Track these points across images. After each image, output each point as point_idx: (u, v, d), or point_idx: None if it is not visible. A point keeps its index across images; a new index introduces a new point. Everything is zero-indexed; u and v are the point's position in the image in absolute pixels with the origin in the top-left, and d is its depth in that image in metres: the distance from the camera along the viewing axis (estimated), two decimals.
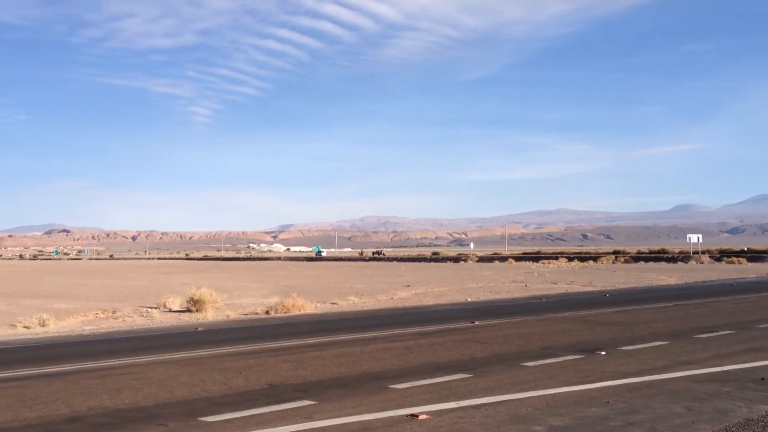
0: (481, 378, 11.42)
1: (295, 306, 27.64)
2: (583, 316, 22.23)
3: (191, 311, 27.81)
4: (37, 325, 23.39)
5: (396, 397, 10.07)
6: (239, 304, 31.61)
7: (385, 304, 31.50)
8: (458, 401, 9.60)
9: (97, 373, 12.96)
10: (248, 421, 8.78)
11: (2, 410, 9.64)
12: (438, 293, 37.51)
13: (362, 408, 9.33)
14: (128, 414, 9.36)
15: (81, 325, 24.26)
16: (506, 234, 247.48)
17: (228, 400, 10.06)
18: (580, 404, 9.39)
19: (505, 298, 33.25)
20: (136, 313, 27.81)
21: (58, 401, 10.21)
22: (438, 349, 15.06)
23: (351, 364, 13.31)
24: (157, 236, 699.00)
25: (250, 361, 14.04)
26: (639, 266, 79.69)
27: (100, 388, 11.19)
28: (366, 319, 23.90)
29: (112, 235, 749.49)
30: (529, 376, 11.55)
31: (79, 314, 27.39)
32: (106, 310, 28.85)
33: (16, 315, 25.78)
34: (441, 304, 30.16)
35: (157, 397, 10.40)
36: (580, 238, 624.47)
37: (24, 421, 9.01)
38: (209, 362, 13.96)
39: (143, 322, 24.85)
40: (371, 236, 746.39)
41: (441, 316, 23.87)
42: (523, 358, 13.50)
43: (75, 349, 17.56)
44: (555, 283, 45.86)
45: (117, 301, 33.30)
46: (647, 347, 14.78)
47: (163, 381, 11.78)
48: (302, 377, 11.89)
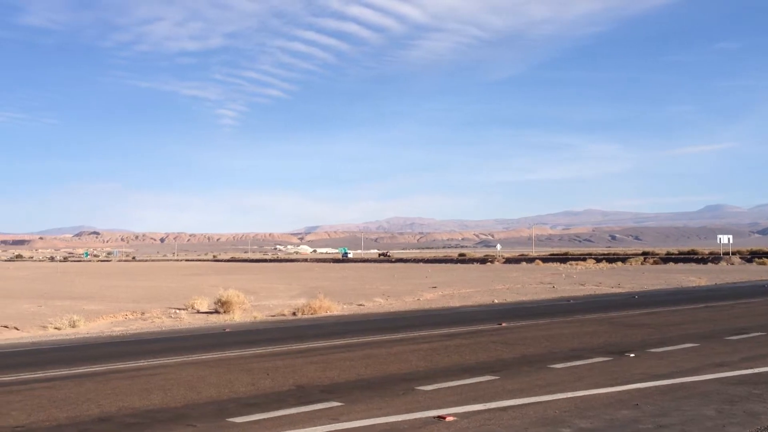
0: (508, 380, 11.36)
1: (321, 307, 27.71)
2: (612, 318, 22.03)
3: (219, 313, 27.99)
4: (68, 326, 23.69)
5: (423, 398, 10.05)
6: (266, 305, 31.76)
7: (412, 305, 31.47)
8: (485, 403, 9.55)
9: (126, 373, 13.09)
10: (276, 422, 8.82)
11: (34, 410, 9.78)
12: (464, 295, 37.40)
13: (389, 410, 9.32)
14: (157, 414, 9.44)
15: (110, 326, 24.53)
16: (533, 235, 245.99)
17: (256, 401, 10.11)
18: (610, 407, 9.30)
19: (532, 300, 33.06)
20: (164, 314, 28.05)
21: (88, 401, 10.33)
22: (465, 351, 15.01)
23: (378, 365, 13.31)
24: (185, 238, 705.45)
25: (277, 362, 14.09)
26: (668, 267, 78.80)
27: (130, 389, 11.31)
28: (392, 321, 23.88)
29: (140, 237, 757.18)
30: (557, 378, 11.47)
31: (109, 315, 27.69)
32: (135, 311, 29.15)
33: (46, 316, 26.13)
34: (467, 306, 30.07)
35: (185, 398, 10.48)
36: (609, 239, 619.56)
37: (55, 421, 9.13)
38: (237, 363, 14.04)
39: (171, 324, 25.07)
40: (397, 238, 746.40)
41: (467, 318, 23.79)
42: (551, 360, 13.41)
43: (105, 350, 17.77)
44: (583, 284, 45.52)
45: (146, 303, 33.62)
46: (677, 349, 14.61)
47: (191, 382, 11.87)
48: (329, 378, 11.91)
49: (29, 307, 32.05)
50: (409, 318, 24.92)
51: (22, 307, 31.59)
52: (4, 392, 11.33)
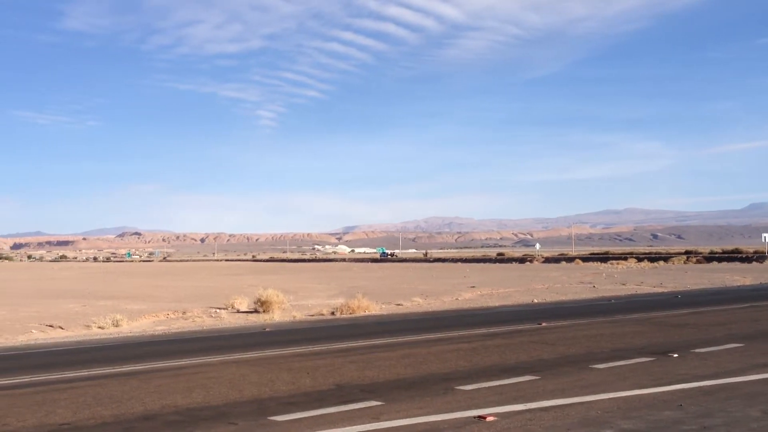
0: (549, 380, 11.27)
1: (360, 307, 27.78)
2: (654, 318, 21.73)
3: (258, 312, 28.22)
4: (111, 325, 24.08)
5: (463, 398, 10.02)
6: (305, 305, 31.94)
7: (450, 305, 31.39)
8: (526, 403, 9.49)
9: (169, 372, 13.28)
10: (317, 420, 8.86)
11: (79, 408, 9.97)
12: (503, 294, 37.19)
13: (429, 409, 9.31)
14: (200, 412, 9.56)
15: (152, 326, 24.88)
16: (573, 234, 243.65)
17: (296, 400, 10.17)
18: (653, 407, 9.17)
19: (572, 300, 32.75)
20: (205, 313, 28.36)
21: (132, 400, 10.50)
22: (505, 351, 14.93)
23: (417, 365, 13.30)
24: (225, 238, 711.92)
25: (317, 361, 14.17)
26: (712, 266, 77.43)
27: (172, 387, 11.47)
28: (431, 320, 23.86)
29: (181, 238, 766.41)
30: (599, 379, 11.35)
31: (151, 315, 28.09)
32: (176, 310, 29.52)
33: (90, 315, 26.59)
34: (506, 306, 29.91)
35: (227, 396, 10.59)
36: (650, 238, 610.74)
37: (100, 419, 9.29)
38: (277, 362, 14.15)
39: (212, 323, 25.35)
40: (435, 237, 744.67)
41: (507, 318, 23.66)
42: (592, 360, 13.27)
43: (147, 348, 18.03)
44: (624, 284, 44.96)
45: (187, 302, 34.04)
46: (721, 349, 14.36)
47: (232, 380, 12.00)
48: (369, 378, 11.94)
49: (74, 306, 32.66)
50: (448, 318, 24.86)
51: (67, 307, 32.21)
52: (50, 390, 11.58)
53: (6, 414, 9.68)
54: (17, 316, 27.95)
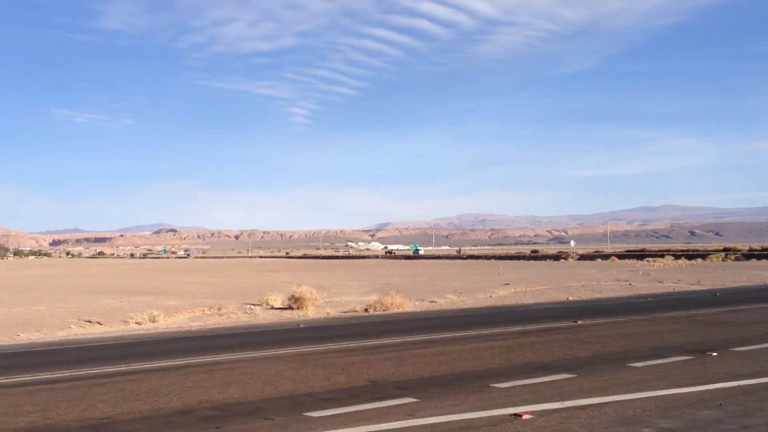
0: (585, 378, 11.18)
1: (393, 304, 27.81)
2: (692, 316, 21.43)
3: (292, 308, 28.41)
4: (148, 321, 24.41)
5: (498, 396, 9.98)
6: (338, 301, 32.06)
7: (484, 302, 31.28)
8: (562, 401, 9.42)
9: (205, 367, 13.41)
10: (351, 417, 8.89)
11: (119, 402, 10.12)
12: (538, 292, 36.96)
13: (464, 406, 9.29)
14: (236, 408, 9.64)
15: (188, 322, 25.17)
16: (608, 231, 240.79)
17: (331, 396, 10.21)
18: (691, 406, 9.05)
19: (608, 297, 32.44)
20: (240, 310, 28.62)
21: (170, 394, 10.63)
22: (540, 349, 14.83)
23: (452, 362, 13.27)
24: (259, 235, 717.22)
25: (351, 358, 14.21)
26: (751, 264, 76.15)
27: (209, 382, 11.59)
28: (465, 318, 23.79)
29: (216, 234, 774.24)
30: (636, 377, 11.22)
31: (187, 311, 28.42)
32: (211, 306, 29.83)
33: (128, 311, 26.98)
34: (541, 303, 29.71)
35: (263, 392, 10.67)
36: (688, 235, 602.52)
37: (139, 413, 9.42)
38: (312, 359, 14.21)
39: (247, 319, 25.56)
40: (469, 234, 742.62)
41: (542, 315, 23.51)
42: (630, 358, 13.12)
43: (184, 344, 18.24)
44: (661, 281, 44.41)
45: (222, 298, 34.37)
46: (761, 348, 14.11)
47: (268, 376, 12.08)
48: (403, 375, 11.94)
49: (111, 302, 33.16)
50: (482, 315, 24.77)
51: (105, 303, 32.71)
52: (90, 385, 11.76)
53: (47, 408, 9.86)
54: (57, 311, 28.46)
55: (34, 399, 10.52)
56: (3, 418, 9.32)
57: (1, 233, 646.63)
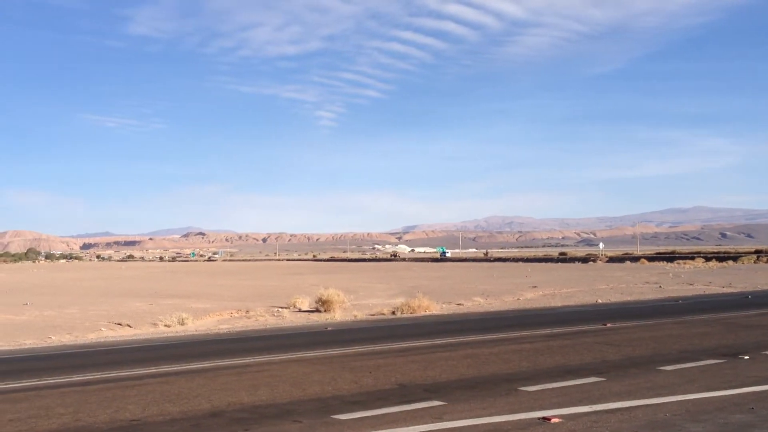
0: (614, 382, 11.07)
1: (420, 307, 27.77)
2: (724, 319, 21.15)
3: (320, 311, 28.49)
4: (177, 323, 24.62)
5: (527, 399, 9.92)
6: (366, 304, 32.09)
7: (512, 305, 31.13)
8: (592, 405, 9.34)
9: (234, 370, 13.49)
10: (379, 419, 8.89)
11: (148, 404, 10.21)
12: (566, 294, 36.71)
13: (492, 410, 9.24)
14: (265, 410, 9.69)
15: (217, 324, 25.35)
16: (638, 233, 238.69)
17: (359, 399, 10.22)
18: (723, 410, 8.92)
19: (637, 300, 32.12)
20: (267, 312, 28.76)
21: (199, 397, 10.70)
22: (569, 352, 14.72)
23: (479, 365, 13.23)
24: (286, 238, 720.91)
25: (379, 360, 14.21)
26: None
27: (238, 385, 11.65)
28: (492, 321, 23.69)
29: (244, 237, 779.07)
30: (667, 381, 11.10)
31: (215, 313, 28.63)
32: (239, 309, 30.03)
33: (157, 314, 27.24)
34: (569, 306, 29.51)
35: (291, 395, 10.71)
36: (718, 237, 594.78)
37: (168, 416, 9.50)
38: (339, 361, 14.24)
39: (275, 322, 25.68)
40: (496, 237, 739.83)
41: (570, 318, 23.34)
42: (660, 361, 12.98)
43: (213, 347, 18.36)
44: (691, 284, 43.89)
45: (249, 301, 34.57)
46: None
47: (296, 379, 12.12)
48: (431, 378, 11.92)
49: (141, 305, 33.51)
50: (510, 318, 24.66)
51: (134, 306, 33.06)
52: (120, 387, 11.89)
53: (78, 409, 9.98)
54: (87, 314, 28.83)
55: (66, 401, 10.66)
56: (35, 420, 9.45)
57: (33, 237, 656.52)
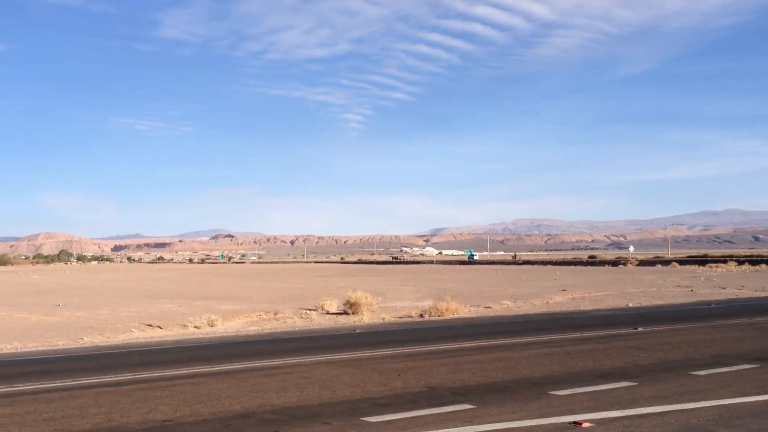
0: (646, 386, 10.96)
1: (448, 309, 27.69)
2: (757, 323, 20.83)
3: (347, 314, 28.52)
4: (206, 325, 24.79)
5: (557, 403, 9.85)
6: (393, 307, 32.07)
7: (541, 308, 30.93)
8: (623, 410, 9.26)
9: (263, 371, 13.57)
10: (409, 422, 8.88)
11: (180, 405, 10.30)
12: (596, 298, 36.40)
13: (522, 414, 9.19)
14: (294, 411, 9.73)
15: (246, 326, 25.48)
16: (669, 236, 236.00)
17: (388, 401, 10.22)
18: (758, 416, 8.80)
19: (669, 304, 31.75)
20: (296, 314, 28.85)
21: (229, 398, 10.78)
22: (599, 356, 14.60)
23: (509, 368, 13.16)
24: (314, 240, 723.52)
25: (407, 363, 14.20)
26: None
27: (268, 386, 11.72)
28: (521, 324, 23.55)
29: (272, 240, 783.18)
30: (699, 386, 10.96)
31: (244, 315, 28.78)
32: (268, 311, 30.15)
33: (187, 315, 27.45)
34: (600, 309, 29.25)
35: (320, 396, 10.74)
36: (751, 240, 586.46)
37: (200, 416, 9.57)
38: (369, 364, 14.25)
39: (303, 324, 25.75)
40: (524, 239, 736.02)
41: (600, 322, 23.14)
42: (692, 366, 12.82)
43: (242, 348, 18.47)
44: (724, 287, 43.29)
45: (278, 303, 34.71)
46: None
47: (325, 381, 12.16)
48: (460, 381, 11.89)
49: (171, 306, 33.81)
50: (539, 321, 24.49)
51: (164, 307, 33.36)
52: (152, 388, 12.01)
53: (111, 409, 10.10)
54: (118, 315, 29.14)
55: (99, 401, 10.79)
56: (69, 419, 9.58)
57: (65, 239, 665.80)
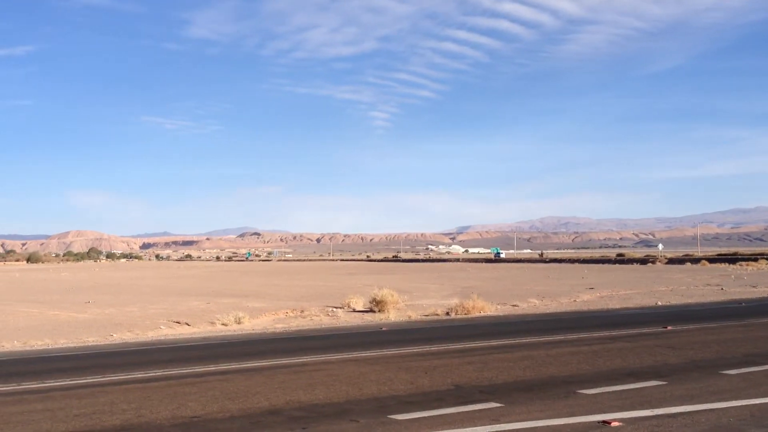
0: (676, 385, 10.85)
1: (475, 307, 27.62)
2: None
3: (374, 311, 28.54)
4: (234, 322, 24.95)
5: (585, 402, 9.79)
6: (419, 305, 32.04)
7: (568, 306, 30.74)
8: (652, 409, 9.17)
9: (291, 369, 13.63)
10: (436, 420, 8.87)
11: (208, 402, 10.39)
12: (624, 296, 36.09)
13: (550, 412, 9.15)
14: (322, 409, 9.77)
15: (273, 323, 25.62)
16: (698, 234, 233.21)
17: (415, 399, 10.22)
18: None
19: (698, 302, 31.40)
20: (322, 312, 28.94)
21: (257, 395, 10.85)
22: (628, 355, 14.48)
23: (537, 367, 13.10)
24: (340, 238, 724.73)
25: (434, 361, 14.19)
26: None
27: (295, 383, 11.78)
28: (549, 322, 23.43)
29: (298, 238, 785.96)
30: (730, 385, 10.83)
31: (271, 313, 28.94)
32: (294, 309, 30.29)
33: (214, 313, 27.66)
34: (628, 308, 29.01)
35: (347, 394, 10.78)
36: None
37: (228, 413, 9.65)
38: (395, 361, 14.27)
39: (329, 322, 25.83)
40: (551, 237, 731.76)
41: (629, 320, 22.95)
42: (723, 365, 12.67)
43: (269, 345, 18.57)
44: (755, 286, 42.71)
45: (304, 301, 34.85)
46: None
47: (352, 378, 12.19)
48: (487, 379, 11.85)
49: (198, 304, 34.09)
50: (566, 319, 24.35)
51: (192, 304, 33.65)
52: (181, 384, 12.12)
53: (141, 405, 10.21)
54: (147, 313, 29.45)
55: (129, 397, 10.92)
56: (100, 415, 9.70)
57: (95, 237, 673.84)
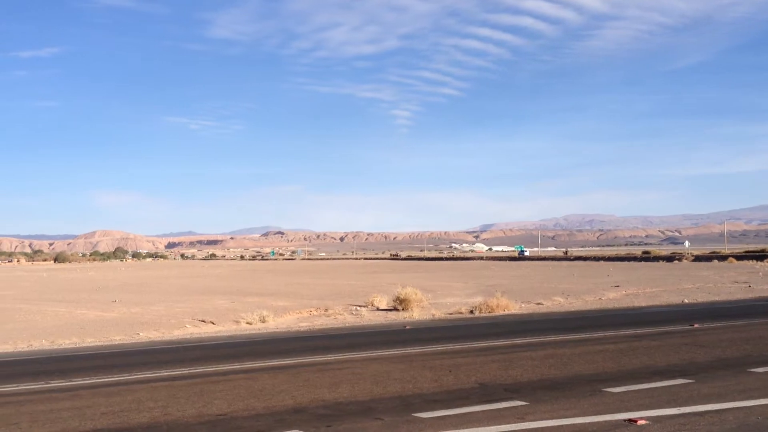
0: (703, 384, 10.74)
1: (499, 306, 27.55)
2: None
3: (398, 310, 28.55)
4: (258, 321, 25.09)
5: (611, 401, 9.72)
6: (443, 303, 32.00)
7: (593, 305, 30.54)
8: (679, 407, 9.09)
9: (315, 367, 13.68)
10: (461, 418, 8.86)
11: (234, 400, 10.46)
12: (650, 294, 35.78)
13: (576, 411, 9.09)
14: (346, 407, 9.79)
15: (297, 322, 25.72)
16: (726, 231, 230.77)
17: (439, 398, 10.22)
18: None
19: (726, 300, 31.06)
20: (346, 311, 29.00)
21: (282, 393, 10.90)
22: (654, 353, 14.36)
23: (562, 365, 13.03)
24: (363, 237, 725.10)
25: (458, 359, 14.17)
26: None
27: (320, 382, 11.82)
28: (574, 320, 23.30)
29: (321, 236, 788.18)
30: (759, 383, 10.70)
31: (295, 311, 29.05)
32: (318, 307, 30.38)
33: (239, 312, 27.82)
34: (654, 306, 28.76)
35: (372, 392, 10.79)
36: None
37: (253, 411, 9.71)
38: (419, 360, 14.26)
39: (353, 320, 25.88)
40: (575, 235, 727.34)
41: (655, 318, 22.76)
42: (751, 363, 12.52)
43: (293, 344, 18.66)
44: None
45: (328, 299, 34.94)
46: None
47: (376, 376, 12.21)
48: (512, 377, 11.81)
49: (223, 303, 34.32)
50: (592, 318, 24.20)
51: (217, 303, 33.89)
52: (206, 382, 12.22)
53: (167, 404, 10.31)
54: (172, 311, 29.70)
55: (155, 395, 11.03)
56: (127, 413, 9.80)
57: (121, 236, 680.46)
